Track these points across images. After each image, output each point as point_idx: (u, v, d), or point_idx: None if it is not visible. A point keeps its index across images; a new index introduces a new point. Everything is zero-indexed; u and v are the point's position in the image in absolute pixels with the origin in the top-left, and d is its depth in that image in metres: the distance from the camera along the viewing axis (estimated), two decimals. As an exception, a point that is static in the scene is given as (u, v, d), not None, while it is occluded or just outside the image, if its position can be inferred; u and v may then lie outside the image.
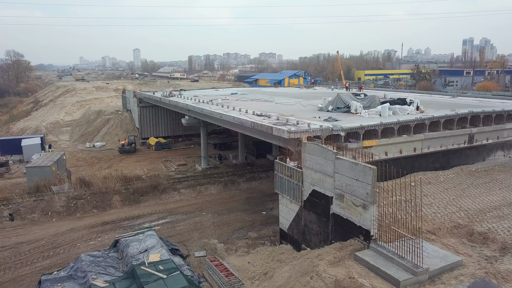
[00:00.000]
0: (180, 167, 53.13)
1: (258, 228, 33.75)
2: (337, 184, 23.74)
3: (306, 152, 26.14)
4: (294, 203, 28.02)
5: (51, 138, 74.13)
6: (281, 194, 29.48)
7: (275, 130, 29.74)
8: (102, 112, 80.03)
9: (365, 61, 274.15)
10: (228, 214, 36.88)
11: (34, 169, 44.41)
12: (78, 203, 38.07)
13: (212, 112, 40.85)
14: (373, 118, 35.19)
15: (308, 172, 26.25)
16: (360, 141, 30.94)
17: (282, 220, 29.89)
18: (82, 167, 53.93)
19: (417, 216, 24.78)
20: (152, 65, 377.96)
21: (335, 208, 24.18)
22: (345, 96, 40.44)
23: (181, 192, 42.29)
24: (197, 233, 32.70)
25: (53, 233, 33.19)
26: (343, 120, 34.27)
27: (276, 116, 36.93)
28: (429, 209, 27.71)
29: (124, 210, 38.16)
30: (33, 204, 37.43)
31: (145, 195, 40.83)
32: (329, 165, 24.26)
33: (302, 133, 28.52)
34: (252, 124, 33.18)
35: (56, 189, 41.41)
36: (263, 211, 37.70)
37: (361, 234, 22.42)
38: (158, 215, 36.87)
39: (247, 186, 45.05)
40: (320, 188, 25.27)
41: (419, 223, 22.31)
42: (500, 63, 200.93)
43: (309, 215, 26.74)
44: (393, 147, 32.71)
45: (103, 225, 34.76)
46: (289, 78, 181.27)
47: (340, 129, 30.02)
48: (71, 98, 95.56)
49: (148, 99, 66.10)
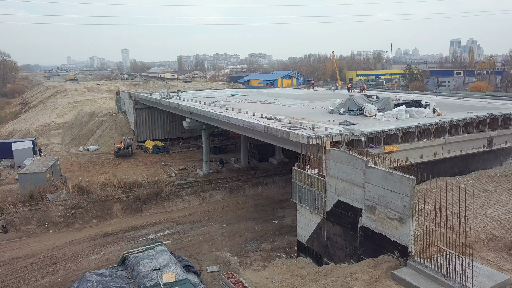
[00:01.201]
0: (181, 171, 50.92)
1: (272, 239, 31.77)
2: (368, 195, 21.88)
3: (331, 160, 24.24)
4: (315, 214, 26.10)
5: (42, 141, 71.29)
6: (300, 204, 27.55)
7: (293, 135, 27.81)
8: (95, 114, 77.29)
9: (356, 61, 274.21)
10: (238, 223, 34.84)
11: (28, 175, 41.84)
12: (77, 213, 35.70)
13: (218, 115, 38.75)
14: (390, 122, 33.47)
15: (332, 181, 24.35)
16: (381, 146, 29.21)
17: (300, 232, 27.96)
18: (77, 173, 51.43)
19: (448, 227, 23.07)
20: (141, 66, 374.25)
21: (365, 221, 22.32)
22: (357, 98, 38.67)
23: (185, 199, 40.14)
24: (207, 245, 30.61)
25: (51, 246, 30.82)
26: (359, 123, 32.47)
27: (287, 119, 35.00)
28: (458, 219, 26.03)
29: (126, 220, 35.90)
30: (28, 214, 34.98)
31: (147, 203, 38.60)
32: (358, 174, 22.38)
33: (322, 139, 26.70)
34: (265, 129, 31.18)
35: (52, 197, 38.98)
36: (274, 219, 35.74)
37: (396, 250, 20.57)
38: (163, 225, 34.67)
39: (254, 192, 43.05)
40: (347, 198, 23.39)
41: (455, 235, 20.65)
42: (490, 64, 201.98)
43: (333, 227, 24.84)
44: (413, 152, 31.04)
45: (104, 236, 32.47)
46: (282, 78, 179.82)
47: (361, 133, 28.21)
48: (62, 100, 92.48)
49: (145, 101, 63.70)
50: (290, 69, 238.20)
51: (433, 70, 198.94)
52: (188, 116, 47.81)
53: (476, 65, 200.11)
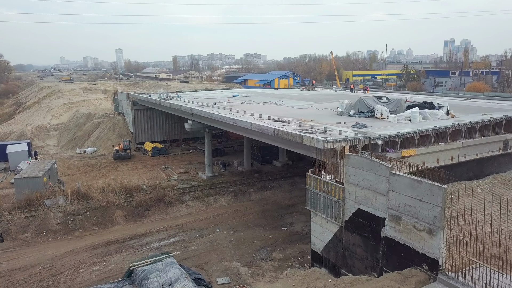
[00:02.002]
0: (182, 175, 49.41)
1: (282, 247, 30.35)
2: (392, 204, 20.53)
3: (350, 166, 22.86)
4: (332, 223, 24.72)
5: (37, 143, 69.44)
6: (314, 212, 26.16)
7: (307, 139, 26.42)
8: (92, 115, 75.51)
9: (352, 62, 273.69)
10: (245, 231, 33.38)
11: (24, 180, 40.13)
12: (77, 220, 34.08)
13: (224, 118, 37.29)
14: (404, 124, 32.21)
15: (351, 189, 22.98)
16: (398, 151, 27.92)
17: (315, 241, 26.56)
18: (75, 176, 49.77)
19: (472, 236, 21.81)
20: (136, 66, 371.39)
21: (388, 231, 20.97)
22: (368, 99, 37.39)
23: (189, 204, 38.62)
24: (215, 254, 29.13)
25: (51, 256, 29.20)
26: (372, 126, 31.20)
27: (295, 121, 33.63)
28: (482, 228, 24.77)
29: (128, 227, 34.33)
30: (25, 221, 33.31)
31: (149, 209, 37.04)
32: (381, 182, 21.03)
33: (338, 143, 25.35)
34: (275, 132, 29.75)
35: (49, 203, 37.30)
36: (283, 226, 34.32)
37: (424, 263, 19.23)
38: (167, 233, 33.14)
39: (259, 197, 41.61)
40: (368, 207, 22.03)
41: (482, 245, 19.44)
42: (485, 64, 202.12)
43: (352, 237, 23.47)
44: (430, 156, 29.76)
45: (106, 245, 30.88)
46: (278, 79, 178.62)
47: (377, 137, 26.89)
48: (57, 100, 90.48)
49: (144, 102, 62.09)
50: (286, 69, 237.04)
51: (428, 71, 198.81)
52: (190, 118, 46.29)
53: (471, 66, 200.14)
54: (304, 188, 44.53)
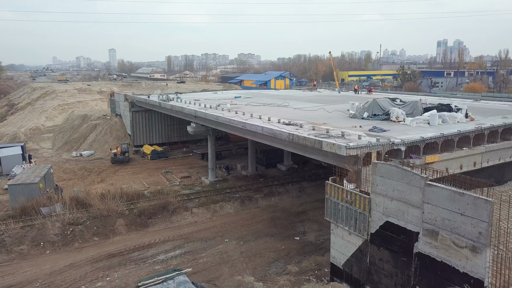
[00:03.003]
0: (184, 179, 47.45)
1: (297, 259, 28.51)
2: (428, 217, 18.78)
3: (378, 175, 21.08)
4: (356, 236, 22.95)
5: (31, 145, 67.13)
6: (335, 223, 24.36)
7: (327, 145, 24.64)
8: (87, 116, 73.24)
9: (348, 62, 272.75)
10: (256, 241, 31.51)
11: (19, 187, 37.99)
12: (76, 230, 32.01)
13: (231, 121, 35.40)
14: (423, 128, 30.59)
15: (379, 200, 21.21)
16: (422, 157, 26.23)
17: (335, 254, 24.78)
18: (72, 181, 47.60)
19: (508, 249, 20.16)
20: (129, 66, 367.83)
21: (423, 247, 19.21)
22: (382, 101, 35.68)
23: (194, 212, 36.66)
24: (227, 268, 27.24)
25: (49, 270, 27.14)
26: (390, 130, 29.53)
27: (308, 125, 31.89)
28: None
29: (131, 237, 32.31)
30: (20, 232, 31.18)
31: (153, 217, 35.05)
32: (414, 193, 19.28)
33: (362, 149, 23.61)
34: (290, 137, 27.92)
35: (46, 211, 35.20)
36: (295, 235, 32.47)
37: (467, 283, 17.48)
38: (173, 243, 31.17)
39: (267, 203, 39.75)
40: (399, 220, 20.27)
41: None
42: (479, 64, 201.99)
43: (379, 252, 21.70)
44: (453, 162, 28.11)
45: (109, 258, 28.87)
46: (275, 79, 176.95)
47: (401, 143, 25.17)
48: (51, 101, 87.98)
49: (142, 103, 59.99)
50: (281, 69, 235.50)
51: (423, 71, 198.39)
52: (193, 121, 44.31)
53: (466, 66, 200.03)
54: (312, 194, 43.32)
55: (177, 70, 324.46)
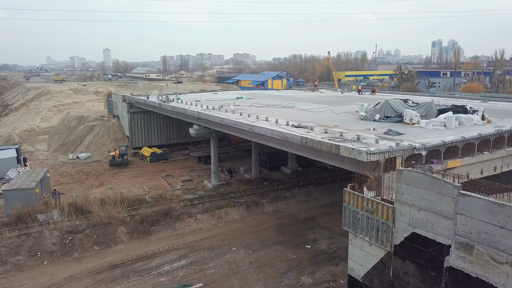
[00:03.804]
0: (186, 183, 45.87)
1: (310, 270, 27.03)
2: (461, 229, 17.36)
3: (403, 183, 19.64)
4: (377, 247, 21.49)
5: (26, 147, 65.19)
6: (353, 234, 22.87)
7: (345, 150, 23.16)
8: (84, 118, 71.38)
9: (344, 62, 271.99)
10: (265, 249, 29.99)
11: (14, 192, 36.24)
12: (75, 239, 30.32)
13: (237, 123, 33.87)
14: (440, 131, 29.21)
15: (404, 209, 19.77)
16: (444, 162, 24.83)
17: (354, 266, 23.31)
18: (69, 185, 45.91)
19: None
20: (124, 66, 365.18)
21: (455, 261, 17.80)
22: (394, 103, 34.29)
23: (198, 218, 35.08)
24: (236, 280, 25.70)
25: (47, 283, 25.50)
26: (406, 133, 28.13)
27: (318, 127, 30.45)
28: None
29: (133, 246, 30.68)
30: (16, 241, 29.48)
31: (156, 224, 33.43)
32: (445, 203, 17.85)
33: (383, 154, 22.17)
34: (303, 141, 26.43)
35: (43, 218, 33.48)
36: (306, 244, 30.97)
37: (506, 302, 16.10)
38: (178, 253, 29.57)
39: (273, 209, 38.24)
40: (427, 231, 18.83)
41: None
42: (475, 65, 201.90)
43: (404, 265, 20.26)
44: (474, 166, 26.74)
45: (110, 269, 27.24)
46: (272, 79, 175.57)
47: (422, 147, 23.75)
48: (46, 102, 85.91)
49: (141, 104, 58.30)
50: (278, 69, 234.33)
51: (420, 71, 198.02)
52: (196, 122, 42.70)
53: (462, 66, 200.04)
54: (320, 198, 41.81)
55: (172, 70, 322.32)
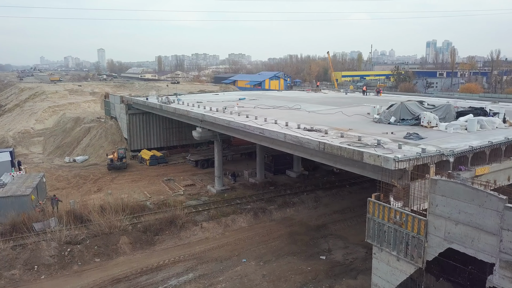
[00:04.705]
0: (188, 188, 44.05)
1: (327, 284, 25.31)
2: (508, 246, 15.72)
3: (438, 194, 17.97)
4: (406, 262, 19.81)
5: (20, 150, 63.07)
6: (378, 247, 21.19)
7: (369, 156, 21.46)
8: (80, 119, 69.30)
9: (340, 62, 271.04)
10: (277, 261, 28.24)
11: (8, 199, 34.33)
12: (75, 250, 28.40)
13: (246, 126, 32.10)
14: (462, 135, 27.64)
15: (439, 223, 18.10)
16: (471, 168, 23.24)
17: (378, 281, 21.61)
18: (66, 190, 43.93)
19: None
20: (119, 66, 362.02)
21: (500, 281, 16.15)
22: (411, 105, 32.66)
23: (204, 226, 33.25)
24: (250, 296, 23.94)
25: (45, 301, 23.62)
26: (427, 137, 26.52)
27: (332, 131, 28.86)
28: None
29: (137, 258, 28.82)
30: (11, 254, 27.52)
31: (159, 233, 31.57)
32: (489, 217, 16.21)
33: (410, 161, 20.50)
34: (320, 146, 24.70)
35: (39, 227, 31.57)
36: (320, 254, 29.24)
37: (562, 330, 14.47)
38: (185, 265, 27.75)
39: (282, 216, 36.51)
40: (466, 248, 17.17)
41: None
42: (471, 65, 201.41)
43: (438, 283, 18.59)
44: (502, 173, 25.21)
45: (113, 283, 25.40)
46: (269, 79, 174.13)
47: (450, 153, 22.12)
48: (41, 103, 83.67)
49: (140, 106, 56.38)
50: (274, 69, 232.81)
51: (416, 71, 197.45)
52: (200, 125, 40.87)
53: (458, 67, 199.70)
54: (329, 204, 39.90)
55: (168, 70, 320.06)
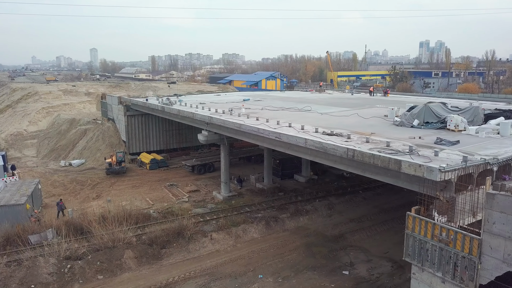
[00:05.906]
0: (193, 194, 41.71)
1: (354, 304, 23.11)
2: None
3: (496, 210, 15.86)
4: (454, 285, 17.65)
5: (13, 153, 60.37)
6: (420, 266, 19.02)
7: (409, 166, 19.29)
8: (75, 121, 66.62)
9: (336, 62, 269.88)
10: (296, 276, 26.01)
11: (1, 209, 31.94)
12: (75, 267, 25.95)
13: (259, 130, 29.82)
14: (497, 139, 25.65)
15: (497, 242, 15.98)
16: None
17: (418, 305, 19.47)
18: (62, 197, 41.14)
19: None
20: (112, 66, 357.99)
21: None
22: (435, 107, 30.59)
23: (213, 238, 30.94)
24: (272, 319, 21.68)
25: (44, 326, 21.19)
26: (460, 142, 24.43)
27: (354, 135, 26.72)
28: None
29: (143, 274, 26.44)
30: (5, 271, 25.04)
31: (167, 246, 29.21)
32: (562, 239, 14.11)
33: (455, 171, 18.38)
34: (350, 153, 22.49)
35: (35, 240, 29.18)
36: (343, 269, 27.04)
37: None
38: (196, 282, 25.43)
39: (295, 225, 34.28)
40: (531, 272, 15.09)
41: None
42: (466, 65, 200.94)
43: (494, 310, 16.49)
44: (544, 183, 23.09)
45: (119, 305, 23.04)
46: (266, 79, 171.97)
47: (495, 161, 20.02)
48: (34, 104, 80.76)
49: (140, 107, 53.91)
50: (269, 69, 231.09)
51: (411, 71, 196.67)
52: (206, 128, 38.54)
53: (453, 67, 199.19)
54: (344, 212, 37.32)
55: (162, 70, 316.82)
